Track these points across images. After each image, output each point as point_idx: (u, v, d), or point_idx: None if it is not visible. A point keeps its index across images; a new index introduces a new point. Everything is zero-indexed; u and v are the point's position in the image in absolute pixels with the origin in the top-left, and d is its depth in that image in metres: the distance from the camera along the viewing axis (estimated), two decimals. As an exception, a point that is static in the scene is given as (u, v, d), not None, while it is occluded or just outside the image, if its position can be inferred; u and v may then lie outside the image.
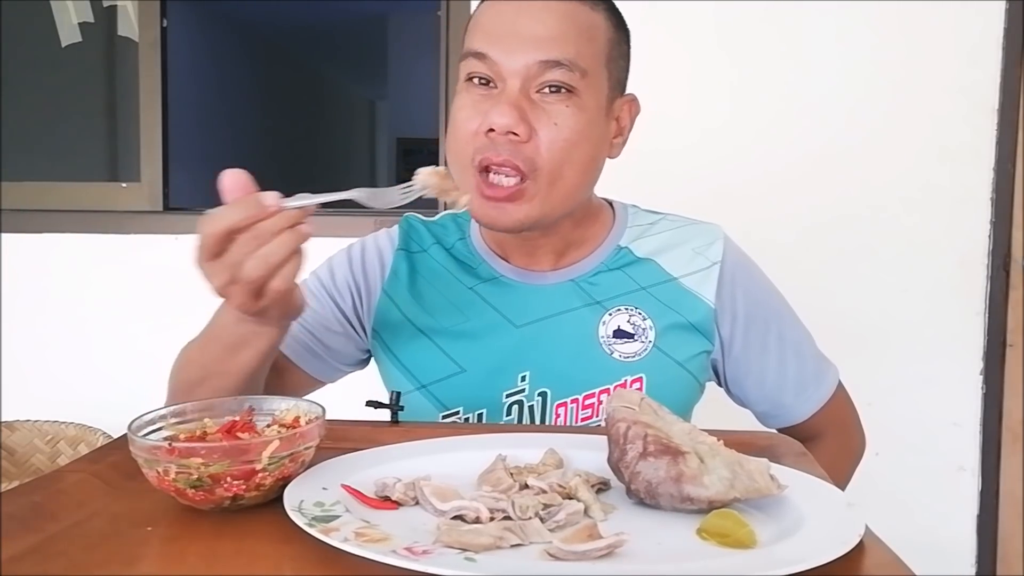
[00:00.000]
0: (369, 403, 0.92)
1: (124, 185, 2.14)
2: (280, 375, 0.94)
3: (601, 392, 0.88)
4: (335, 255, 1.00)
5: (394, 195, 0.69)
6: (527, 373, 0.89)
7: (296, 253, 0.65)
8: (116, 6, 2.21)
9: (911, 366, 1.88)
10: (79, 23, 2.28)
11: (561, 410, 0.88)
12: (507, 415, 0.89)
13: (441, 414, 0.91)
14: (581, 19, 0.84)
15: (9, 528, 0.52)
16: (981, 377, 1.88)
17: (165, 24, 2.10)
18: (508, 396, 0.89)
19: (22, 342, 2.09)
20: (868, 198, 1.87)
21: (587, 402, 0.88)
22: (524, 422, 0.89)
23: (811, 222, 1.88)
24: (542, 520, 0.53)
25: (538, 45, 0.81)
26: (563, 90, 0.82)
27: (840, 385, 1.00)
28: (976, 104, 1.84)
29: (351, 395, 1.06)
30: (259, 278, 0.64)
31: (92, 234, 2.06)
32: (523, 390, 0.89)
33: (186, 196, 2.40)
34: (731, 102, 1.89)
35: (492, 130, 0.81)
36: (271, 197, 0.63)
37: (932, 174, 1.86)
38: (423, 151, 4.69)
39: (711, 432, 0.62)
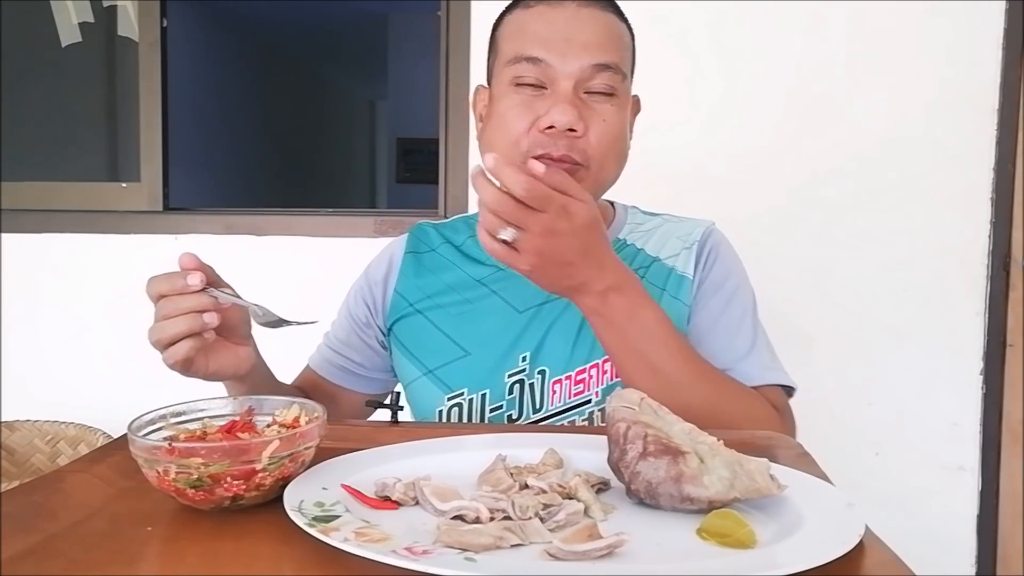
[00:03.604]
0: (369, 403, 0.93)
1: (124, 185, 2.13)
2: (334, 400, 1.04)
3: (591, 367, 0.93)
4: (359, 277, 1.09)
5: (274, 318, 0.77)
6: (527, 354, 0.95)
7: (192, 336, 0.74)
8: (116, 6, 2.21)
9: (911, 366, 1.88)
10: (79, 23, 2.28)
11: (557, 387, 0.94)
12: (508, 394, 0.94)
13: (446, 396, 0.95)
14: (617, 29, 0.93)
15: (9, 528, 0.52)
16: (981, 377, 1.88)
17: (165, 24, 2.10)
18: (510, 376, 0.94)
19: (22, 342, 2.09)
20: (868, 198, 1.87)
21: (579, 378, 0.93)
22: (525, 399, 0.94)
23: (810, 222, 1.88)
24: (542, 520, 0.53)
25: (591, 50, 0.89)
26: (607, 91, 0.90)
27: (787, 401, 0.95)
28: (976, 104, 1.84)
29: (351, 395, 1.06)
30: (154, 343, 0.75)
31: (92, 234, 2.06)
32: (524, 369, 0.94)
33: (186, 196, 2.40)
34: (730, 103, 1.89)
35: (551, 127, 0.88)
36: (195, 278, 0.73)
37: (932, 174, 1.86)
38: (423, 151, 4.72)
39: (711, 432, 0.62)
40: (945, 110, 1.85)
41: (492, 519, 0.53)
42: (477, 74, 1.90)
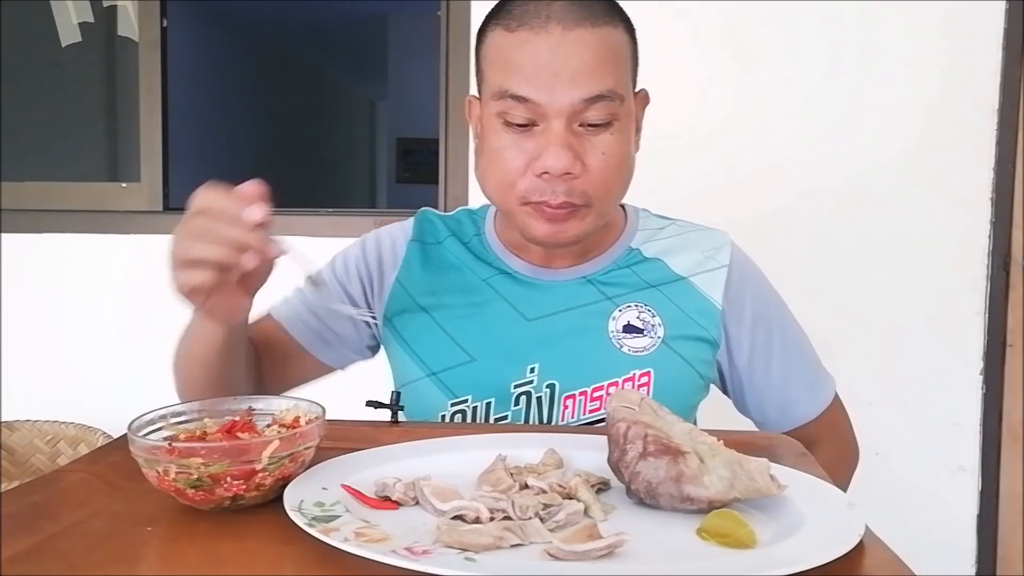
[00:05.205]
0: (369, 403, 0.92)
1: (124, 185, 2.13)
2: (294, 361, 0.98)
3: (609, 385, 0.89)
4: (350, 246, 1.03)
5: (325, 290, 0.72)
6: (536, 365, 0.90)
7: (219, 269, 0.66)
8: (116, 6, 2.21)
9: (911, 366, 1.88)
10: (79, 23, 2.28)
11: (569, 402, 0.89)
12: (515, 405, 0.90)
13: (450, 401, 0.92)
14: (611, 43, 0.83)
15: (9, 528, 0.52)
16: (981, 377, 1.88)
17: (165, 24, 2.10)
18: (516, 387, 0.90)
19: (22, 342, 2.09)
20: (868, 198, 1.87)
21: (595, 394, 0.89)
22: (532, 413, 0.90)
23: (810, 222, 1.88)
24: (542, 520, 0.53)
25: (580, 83, 0.81)
26: (604, 121, 0.83)
27: (836, 395, 1.02)
28: (976, 104, 1.84)
29: (351, 395, 1.06)
30: (174, 258, 0.67)
31: (92, 234, 2.06)
32: (531, 381, 0.90)
33: (186, 196, 2.38)
34: (729, 104, 1.89)
35: (545, 172, 0.82)
36: (258, 211, 0.66)
37: (932, 174, 1.86)
38: (423, 151, 4.72)
39: (711, 432, 0.62)
40: (945, 110, 1.85)
41: (492, 519, 0.53)
42: (477, 74, 1.90)
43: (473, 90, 1.00)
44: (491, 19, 0.87)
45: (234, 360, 0.84)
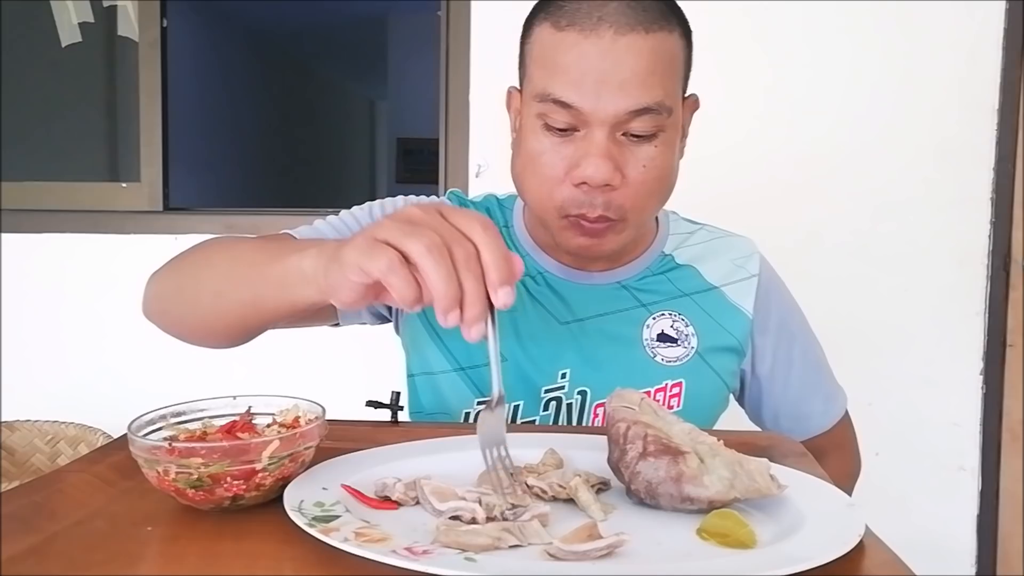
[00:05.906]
0: (369, 403, 0.92)
1: (124, 185, 2.14)
2: (311, 312, 0.87)
3: (643, 393, 0.87)
4: (394, 199, 0.98)
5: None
6: (568, 371, 0.89)
7: (407, 272, 0.53)
8: (116, 6, 2.21)
9: (911, 366, 1.88)
10: (79, 23, 2.28)
11: (600, 410, 0.88)
12: (544, 410, 0.88)
13: (476, 400, 0.89)
14: (665, 51, 0.79)
15: (9, 528, 0.52)
16: (981, 377, 1.88)
17: (165, 24, 2.10)
18: (547, 392, 0.88)
19: (22, 342, 2.09)
20: (868, 198, 1.87)
21: None
22: (561, 419, 0.88)
23: (811, 222, 1.88)
24: (507, 519, 0.53)
25: (628, 92, 0.77)
26: (649, 132, 0.80)
27: (846, 410, 1.03)
28: (976, 104, 1.84)
29: (351, 395, 1.06)
30: (393, 239, 0.54)
31: (92, 234, 2.06)
32: (563, 387, 0.88)
33: (186, 196, 2.40)
34: (729, 105, 1.89)
35: (584, 182, 0.79)
36: (510, 297, 0.54)
37: (932, 174, 1.86)
38: (423, 151, 4.72)
39: (711, 432, 0.62)
40: (945, 110, 1.85)
41: (491, 519, 0.53)
42: (477, 74, 1.90)
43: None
44: (540, 11, 0.82)
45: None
